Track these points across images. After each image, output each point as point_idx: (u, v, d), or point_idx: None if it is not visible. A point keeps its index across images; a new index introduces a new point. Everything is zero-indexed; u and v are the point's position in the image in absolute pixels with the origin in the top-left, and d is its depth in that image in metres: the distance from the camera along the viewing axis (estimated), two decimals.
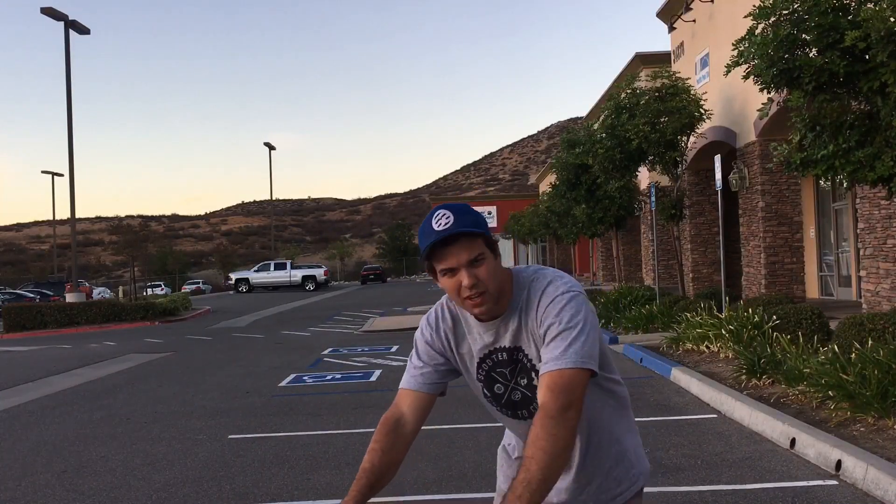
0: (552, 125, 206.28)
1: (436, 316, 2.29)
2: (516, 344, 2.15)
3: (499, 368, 2.20)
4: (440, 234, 2.00)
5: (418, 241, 2.07)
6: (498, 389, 2.23)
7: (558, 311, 2.05)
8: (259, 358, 14.61)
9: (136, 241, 53.64)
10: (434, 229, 2.01)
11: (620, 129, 17.03)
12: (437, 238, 2.00)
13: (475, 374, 2.26)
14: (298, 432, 7.69)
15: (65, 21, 27.95)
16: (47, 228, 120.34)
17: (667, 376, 9.75)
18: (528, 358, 2.15)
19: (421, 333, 2.30)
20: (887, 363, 6.52)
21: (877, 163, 7.73)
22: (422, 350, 2.28)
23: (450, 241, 2.01)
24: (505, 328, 2.15)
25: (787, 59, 8.08)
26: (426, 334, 2.29)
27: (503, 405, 2.26)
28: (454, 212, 2.03)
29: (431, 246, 2.01)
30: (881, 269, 12.85)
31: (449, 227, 2.00)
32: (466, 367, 2.28)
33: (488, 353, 2.20)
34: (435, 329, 2.28)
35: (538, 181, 63.49)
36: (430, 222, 2.03)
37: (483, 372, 2.23)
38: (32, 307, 27.36)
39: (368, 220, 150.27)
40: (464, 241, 2.02)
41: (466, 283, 2.03)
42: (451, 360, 2.27)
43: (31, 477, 6.54)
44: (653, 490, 5.31)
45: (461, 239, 2.02)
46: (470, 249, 2.03)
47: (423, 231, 2.04)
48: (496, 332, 2.17)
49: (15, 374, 13.96)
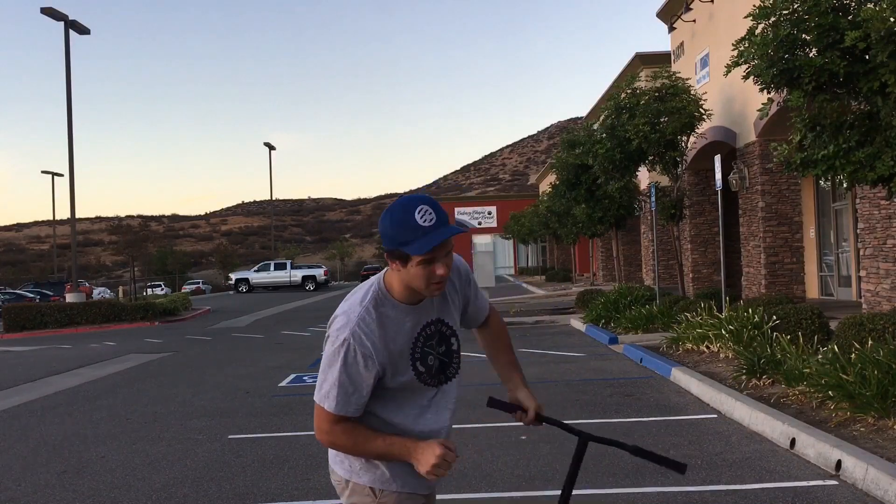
0: (552, 125, 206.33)
1: (365, 335, 2.28)
2: (440, 316, 2.44)
3: (429, 341, 2.41)
4: (443, 234, 2.17)
5: (391, 232, 2.18)
6: (431, 361, 2.42)
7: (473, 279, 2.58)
8: (259, 358, 14.61)
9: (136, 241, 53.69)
10: (421, 224, 2.15)
11: (620, 130, 17.03)
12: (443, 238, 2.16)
13: (409, 358, 2.37)
14: (298, 432, 7.69)
15: (65, 21, 27.95)
16: (47, 228, 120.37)
17: (667, 376, 9.75)
18: (449, 326, 2.46)
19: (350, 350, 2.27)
20: (887, 363, 6.52)
21: (877, 163, 7.73)
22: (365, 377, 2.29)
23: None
24: (431, 303, 2.40)
25: (787, 59, 8.09)
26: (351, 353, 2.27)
27: (433, 375, 2.43)
28: (432, 206, 2.18)
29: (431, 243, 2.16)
30: (881, 269, 12.85)
31: (435, 223, 2.16)
32: (395, 363, 2.34)
33: (421, 330, 2.39)
34: (372, 349, 2.29)
35: (538, 181, 63.48)
36: (413, 216, 2.16)
37: (418, 350, 2.38)
38: (32, 307, 27.36)
39: (368, 220, 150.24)
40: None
41: (442, 273, 2.23)
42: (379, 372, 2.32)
43: (31, 477, 6.54)
44: (653, 490, 5.32)
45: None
46: (450, 244, 2.24)
47: (404, 224, 2.16)
48: (426, 309, 2.40)
49: (15, 374, 13.97)
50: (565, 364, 11.55)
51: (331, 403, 2.29)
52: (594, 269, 37.96)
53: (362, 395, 2.31)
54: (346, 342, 2.26)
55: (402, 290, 2.32)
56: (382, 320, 2.31)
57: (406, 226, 2.16)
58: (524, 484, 5.55)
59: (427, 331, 2.41)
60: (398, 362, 2.34)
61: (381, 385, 2.35)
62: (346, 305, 2.36)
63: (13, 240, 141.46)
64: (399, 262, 2.22)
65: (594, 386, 9.53)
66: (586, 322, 16.33)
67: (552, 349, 13.32)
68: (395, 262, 2.23)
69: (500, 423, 7.44)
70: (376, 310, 2.31)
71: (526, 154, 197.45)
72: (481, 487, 5.42)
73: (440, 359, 2.45)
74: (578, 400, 8.67)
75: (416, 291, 2.30)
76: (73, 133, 28.52)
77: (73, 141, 28.55)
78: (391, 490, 2.39)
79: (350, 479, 2.42)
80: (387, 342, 2.31)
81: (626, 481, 5.54)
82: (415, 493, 2.43)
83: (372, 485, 2.39)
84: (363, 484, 2.41)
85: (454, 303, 2.50)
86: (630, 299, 16.53)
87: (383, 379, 2.34)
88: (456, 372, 2.52)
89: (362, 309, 2.31)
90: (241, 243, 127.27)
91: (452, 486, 5.56)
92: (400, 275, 2.27)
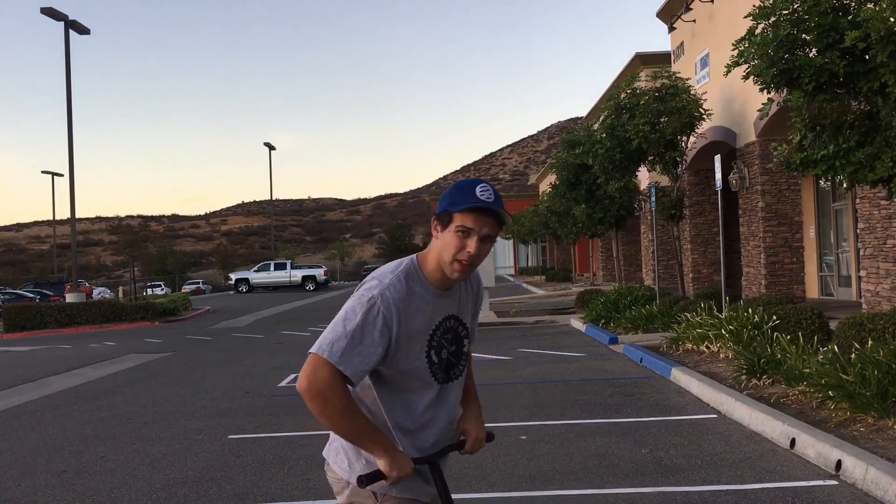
0: (552, 125, 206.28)
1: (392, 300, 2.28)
2: (458, 314, 2.47)
3: (446, 335, 2.43)
4: (488, 203, 2.24)
5: (449, 197, 2.29)
6: (443, 355, 2.42)
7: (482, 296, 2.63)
8: (259, 358, 14.62)
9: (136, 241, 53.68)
10: (478, 196, 2.25)
11: (620, 130, 17.04)
12: (484, 205, 2.24)
13: (425, 344, 2.37)
14: (298, 432, 7.69)
15: (65, 21, 27.95)
16: (47, 228, 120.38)
17: (667, 376, 9.75)
18: (465, 326, 2.50)
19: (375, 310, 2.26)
20: (887, 363, 6.52)
21: (877, 163, 7.73)
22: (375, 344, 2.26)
23: (488, 213, 2.26)
24: (456, 299, 2.45)
25: (787, 59, 8.09)
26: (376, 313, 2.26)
27: (442, 370, 2.44)
28: (495, 193, 2.28)
29: (476, 207, 2.23)
30: (881, 269, 12.85)
31: (493, 201, 2.24)
32: (410, 343, 2.33)
33: (443, 320, 2.41)
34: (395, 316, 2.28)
35: (538, 181, 63.45)
36: (474, 188, 2.27)
37: (435, 340, 2.40)
38: (32, 307, 27.37)
39: (368, 220, 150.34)
40: (495, 220, 2.29)
41: (472, 251, 2.27)
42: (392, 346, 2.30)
43: (31, 477, 6.54)
44: (653, 490, 5.32)
45: (495, 217, 2.27)
46: (492, 228, 2.29)
47: (463, 190, 2.28)
48: (450, 302, 2.43)
49: (15, 374, 13.97)
50: (565, 364, 11.55)
51: (333, 352, 2.23)
52: (594, 269, 37.97)
53: (364, 361, 2.26)
54: (373, 301, 2.27)
55: (433, 270, 2.35)
56: (410, 294, 2.32)
57: (464, 192, 2.27)
58: (524, 484, 5.55)
59: (446, 323, 2.43)
60: (413, 343, 2.33)
61: (394, 368, 2.34)
62: (377, 273, 2.37)
63: (13, 240, 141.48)
64: (441, 226, 2.30)
65: (594, 386, 9.53)
66: (586, 322, 16.33)
67: (552, 349, 13.32)
68: (438, 225, 2.31)
69: (499, 423, 7.44)
70: (406, 282, 2.32)
71: (526, 154, 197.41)
72: (481, 487, 5.42)
73: (450, 357, 2.46)
74: (578, 400, 8.67)
75: (444, 273, 2.33)
76: (73, 133, 28.53)
77: (73, 141, 28.56)
78: (392, 495, 2.38)
79: (350, 480, 2.40)
80: (409, 317, 2.31)
81: (626, 481, 5.54)
82: (416, 499, 2.43)
83: (373, 488, 2.37)
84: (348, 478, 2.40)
85: (468, 306, 2.52)
86: (630, 299, 16.52)
87: (396, 358, 2.32)
88: (460, 374, 2.52)
89: (394, 277, 2.32)
90: (241, 243, 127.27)
91: (452, 487, 5.55)
92: (434, 247, 2.33)
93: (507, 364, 11.86)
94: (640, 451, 6.33)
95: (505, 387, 9.72)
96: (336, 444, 2.48)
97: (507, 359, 12.38)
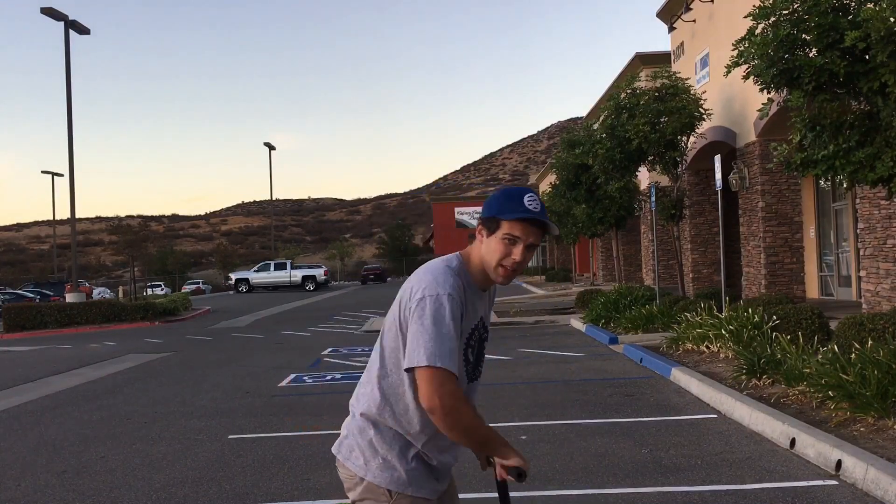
0: (552, 125, 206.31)
1: (457, 292, 2.31)
2: (484, 318, 2.53)
3: (475, 335, 2.46)
4: (536, 215, 2.33)
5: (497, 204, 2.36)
6: (471, 356, 2.46)
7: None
8: (259, 358, 14.61)
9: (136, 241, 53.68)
10: (526, 206, 2.33)
11: (620, 130, 17.04)
12: (533, 216, 2.32)
13: (465, 343, 2.40)
14: (298, 432, 7.69)
15: (65, 21, 27.94)
16: (47, 228, 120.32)
17: (667, 376, 9.75)
18: (487, 330, 2.55)
19: (455, 304, 2.28)
20: (887, 363, 6.52)
21: (877, 163, 7.73)
22: (457, 330, 2.29)
23: (535, 224, 2.35)
24: (486, 302, 2.52)
25: (787, 59, 8.09)
26: (456, 308, 2.28)
27: (471, 369, 2.48)
28: (541, 203, 2.38)
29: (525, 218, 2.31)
30: (881, 269, 12.85)
31: (540, 212, 2.33)
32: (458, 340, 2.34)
33: (479, 321, 2.47)
34: (461, 309, 2.32)
35: (538, 181, 63.44)
36: (522, 198, 2.34)
37: (473, 339, 2.45)
38: (32, 307, 27.35)
39: (368, 220, 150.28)
40: (540, 231, 2.37)
41: (518, 258, 2.34)
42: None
43: (31, 477, 6.54)
44: (653, 490, 5.32)
45: (540, 226, 2.35)
46: (537, 238, 2.37)
47: (511, 199, 2.35)
48: (484, 303, 2.50)
49: (15, 374, 13.96)
50: (565, 364, 11.55)
51: (444, 360, 2.19)
52: (594, 269, 37.97)
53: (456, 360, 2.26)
54: (449, 295, 2.27)
55: (478, 270, 2.41)
56: (464, 292, 2.36)
57: (513, 201, 2.34)
58: (524, 484, 5.53)
59: (480, 324, 2.48)
60: (460, 342, 2.34)
61: None
62: (427, 272, 2.36)
63: (13, 240, 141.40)
64: (487, 231, 2.36)
65: (594, 386, 9.53)
66: (586, 322, 16.33)
67: (552, 349, 13.32)
68: (484, 230, 2.37)
69: (499, 423, 7.44)
70: (461, 280, 2.37)
71: (526, 154, 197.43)
72: (481, 487, 5.41)
73: (477, 357, 2.49)
74: (578, 400, 8.67)
75: (486, 275, 2.39)
76: (73, 133, 28.53)
77: (73, 141, 28.56)
78: (406, 494, 2.37)
79: (364, 478, 2.39)
80: (465, 315, 2.35)
81: (626, 481, 5.54)
82: (427, 498, 2.42)
83: (389, 486, 2.37)
84: (379, 485, 2.38)
85: (489, 308, 2.58)
86: (630, 299, 16.52)
87: None
88: (480, 374, 2.55)
89: (451, 272, 2.35)
90: (241, 243, 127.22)
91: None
92: (479, 250, 2.39)
93: (507, 364, 11.86)
94: (640, 451, 6.33)
95: (505, 387, 9.72)
96: (349, 441, 2.46)
97: (507, 359, 12.39)
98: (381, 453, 2.38)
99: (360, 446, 2.42)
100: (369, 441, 2.41)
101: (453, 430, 2.25)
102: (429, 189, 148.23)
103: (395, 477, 2.37)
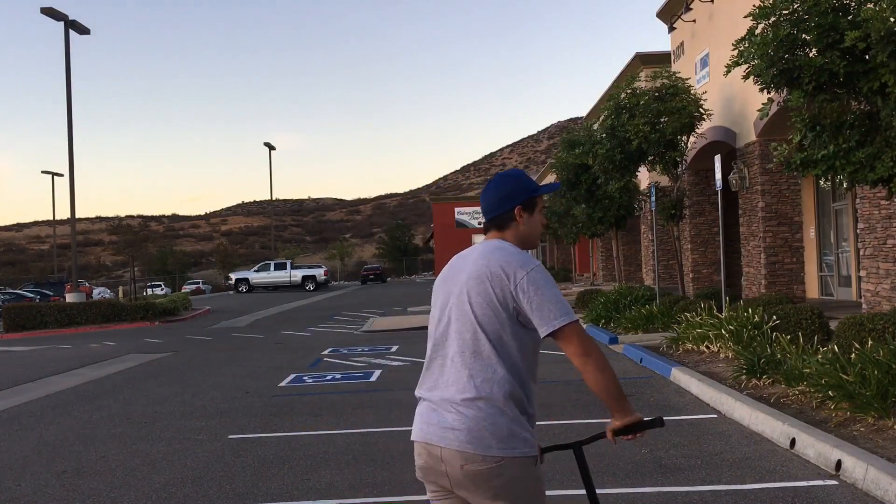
0: (552, 125, 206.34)
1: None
2: None
3: None
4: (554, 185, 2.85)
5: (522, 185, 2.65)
6: None
7: None
8: (259, 358, 14.61)
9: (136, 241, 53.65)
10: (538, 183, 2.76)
11: (620, 130, 17.03)
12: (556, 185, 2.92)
13: None
14: (298, 432, 7.69)
15: (65, 21, 27.94)
16: (47, 228, 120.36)
17: (667, 376, 9.75)
18: None
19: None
20: (887, 363, 6.52)
21: (877, 163, 7.73)
22: None
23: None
24: None
25: (787, 59, 8.09)
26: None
27: None
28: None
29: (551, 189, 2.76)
30: (881, 269, 12.85)
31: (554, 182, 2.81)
32: None
33: None
34: None
35: (538, 181, 63.49)
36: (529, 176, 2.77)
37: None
38: (32, 307, 27.35)
39: (368, 220, 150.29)
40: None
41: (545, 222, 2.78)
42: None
43: (31, 477, 6.54)
44: (653, 490, 5.32)
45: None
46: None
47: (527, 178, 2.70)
48: None
49: (15, 374, 13.96)
50: (565, 364, 11.54)
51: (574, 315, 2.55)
52: (594, 268, 37.96)
53: None
54: (540, 264, 2.56)
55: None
56: None
57: (530, 180, 2.68)
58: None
59: None
60: None
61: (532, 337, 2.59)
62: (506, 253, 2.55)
63: (13, 240, 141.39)
64: (527, 213, 2.66)
65: None
66: (586, 322, 16.33)
67: (552, 349, 13.27)
68: (525, 212, 2.65)
69: None
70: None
71: (526, 154, 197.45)
72: None
73: None
74: (578, 400, 8.67)
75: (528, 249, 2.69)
76: (73, 133, 28.53)
77: (73, 141, 28.56)
78: (536, 455, 2.52)
79: (512, 456, 2.44)
80: None
81: (626, 481, 5.54)
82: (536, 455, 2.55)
83: (534, 452, 2.51)
84: (525, 455, 2.47)
85: None
86: (630, 299, 16.52)
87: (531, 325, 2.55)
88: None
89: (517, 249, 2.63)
90: (241, 243, 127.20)
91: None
92: (517, 232, 2.64)
93: None
94: (640, 451, 6.33)
95: None
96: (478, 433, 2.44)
97: None
98: (515, 428, 2.46)
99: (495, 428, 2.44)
100: (507, 420, 2.47)
101: (605, 370, 2.48)
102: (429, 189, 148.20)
103: (532, 443, 2.51)
